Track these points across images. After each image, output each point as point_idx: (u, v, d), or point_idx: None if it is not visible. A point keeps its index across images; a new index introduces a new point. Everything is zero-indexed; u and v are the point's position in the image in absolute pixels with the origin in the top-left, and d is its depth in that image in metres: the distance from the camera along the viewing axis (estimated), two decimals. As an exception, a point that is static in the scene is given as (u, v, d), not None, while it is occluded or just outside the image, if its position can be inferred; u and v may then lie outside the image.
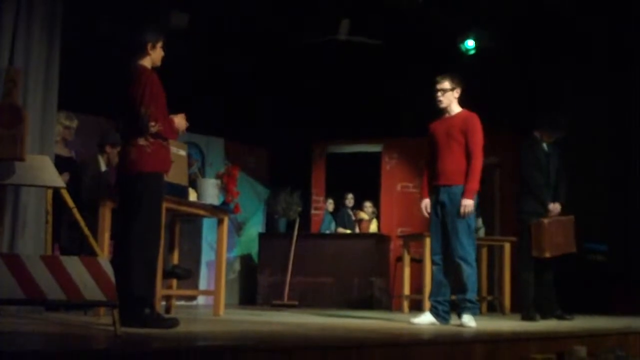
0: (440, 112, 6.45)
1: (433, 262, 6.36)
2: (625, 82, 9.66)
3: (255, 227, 12.00)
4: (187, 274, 6.94)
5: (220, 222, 7.17)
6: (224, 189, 7.31)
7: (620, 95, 9.73)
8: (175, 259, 7.13)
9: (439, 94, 6.38)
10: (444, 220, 6.24)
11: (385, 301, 10.56)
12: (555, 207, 7.45)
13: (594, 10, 9.37)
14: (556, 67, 10.14)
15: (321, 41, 10.45)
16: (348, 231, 11.27)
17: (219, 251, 7.17)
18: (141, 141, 4.97)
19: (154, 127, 4.93)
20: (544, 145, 7.61)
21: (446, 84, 6.38)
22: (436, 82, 6.41)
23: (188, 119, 5.31)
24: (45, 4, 6.17)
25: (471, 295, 6.14)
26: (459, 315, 6.17)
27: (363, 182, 12.02)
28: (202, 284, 10.99)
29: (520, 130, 8.30)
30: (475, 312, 6.17)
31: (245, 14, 9.88)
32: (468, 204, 6.12)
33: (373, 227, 11.46)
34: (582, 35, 9.72)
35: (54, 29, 6.25)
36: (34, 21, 6.06)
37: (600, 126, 9.75)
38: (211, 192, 6.97)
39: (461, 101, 6.48)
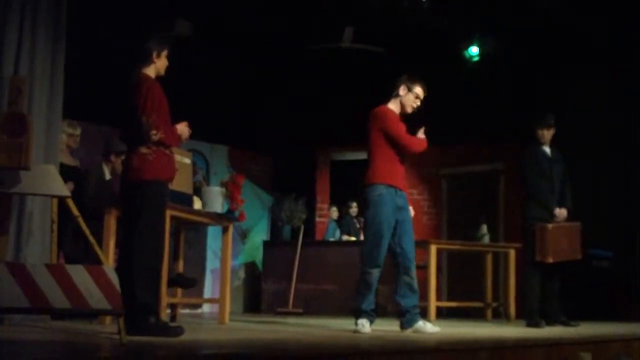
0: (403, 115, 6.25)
1: (379, 268, 6.00)
2: (630, 86, 9.65)
3: (259, 234, 12.00)
4: (190, 283, 6.93)
5: (224, 230, 7.18)
6: (229, 196, 7.31)
7: (624, 101, 9.71)
8: (180, 267, 7.14)
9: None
10: (396, 225, 6.02)
11: (390, 308, 10.53)
12: (561, 212, 7.43)
13: (594, 12, 9.37)
14: (560, 72, 10.15)
15: (325, 49, 10.47)
16: (353, 238, 11.27)
17: (224, 259, 7.18)
18: (143, 149, 4.99)
19: (155, 135, 4.95)
20: (547, 150, 7.61)
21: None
22: (425, 92, 6.22)
23: (191, 127, 5.33)
24: (50, 12, 6.20)
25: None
26: (411, 324, 5.98)
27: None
28: (207, 292, 10.99)
29: (524, 136, 8.30)
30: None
31: (248, 21, 9.90)
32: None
33: (377, 235, 11.43)
34: (584, 40, 9.71)
35: (58, 37, 6.28)
36: (39, 30, 6.09)
37: (603, 131, 9.74)
38: (216, 200, 6.98)
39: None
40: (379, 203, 5.94)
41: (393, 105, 6.20)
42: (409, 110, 6.20)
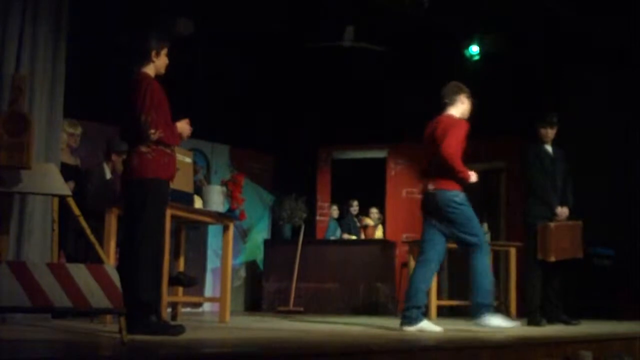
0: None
1: None
2: (630, 85, 9.65)
3: (260, 233, 12.01)
4: (191, 282, 6.93)
5: (225, 228, 7.18)
6: (229, 195, 7.31)
7: (625, 98, 9.71)
8: (181, 266, 7.14)
9: None
10: None
11: (391, 307, 10.54)
12: (563, 211, 7.43)
13: (595, 12, 9.37)
14: (560, 72, 10.14)
15: (325, 48, 10.47)
16: (353, 237, 11.27)
17: (225, 258, 7.17)
18: (143, 148, 4.98)
19: (154, 134, 4.94)
20: (549, 149, 7.60)
21: None
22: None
23: (192, 125, 5.32)
24: (51, 11, 6.20)
25: None
26: (418, 322, 6.16)
27: (368, 187, 12.02)
28: (208, 291, 11.00)
29: (526, 134, 8.31)
30: None
31: (249, 20, 9.90)
32: None
33: (378, 233, 11.45)
34: (585, 39, 9.71)
35: (59, 36, 6.27)
36: (40, 28, 6.09)
37: (604, 129, 9.74)
38: (216, 199, 6.98)
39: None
40: (468, 204, 6.41)
41: (458, 114, 6.55)
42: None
